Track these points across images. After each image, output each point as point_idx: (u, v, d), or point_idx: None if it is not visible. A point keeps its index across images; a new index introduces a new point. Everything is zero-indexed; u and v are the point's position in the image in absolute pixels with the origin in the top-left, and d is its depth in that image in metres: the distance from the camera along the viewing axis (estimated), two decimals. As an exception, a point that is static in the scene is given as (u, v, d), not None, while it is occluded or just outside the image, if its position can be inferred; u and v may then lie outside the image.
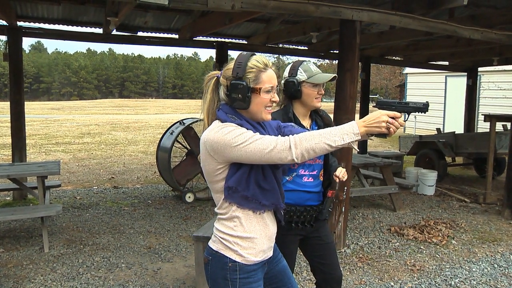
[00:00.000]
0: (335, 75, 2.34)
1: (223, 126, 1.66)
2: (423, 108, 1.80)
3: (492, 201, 6.93)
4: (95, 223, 5.56)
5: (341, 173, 2.35)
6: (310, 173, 2.39)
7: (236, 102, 1.72)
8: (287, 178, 2.35)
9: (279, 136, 1.67)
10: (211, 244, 1.82)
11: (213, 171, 1.71)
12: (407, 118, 1.75)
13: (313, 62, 2.41)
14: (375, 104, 1.83)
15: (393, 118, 1.63)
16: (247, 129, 1.68)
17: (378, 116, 1.62)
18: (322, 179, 2.45)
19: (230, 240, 1.75)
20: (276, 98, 1.77)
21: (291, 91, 2.36)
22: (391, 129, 1.63)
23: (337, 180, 2.35)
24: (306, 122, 2.44)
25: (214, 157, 1.68)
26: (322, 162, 2.44)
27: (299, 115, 2.41)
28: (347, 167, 4.57)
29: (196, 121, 6.90)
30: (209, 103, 1.78)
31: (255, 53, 1.79)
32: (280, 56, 45.14)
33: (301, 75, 2.34)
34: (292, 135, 1.65)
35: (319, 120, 2.47)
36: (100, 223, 5.56)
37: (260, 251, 1.79)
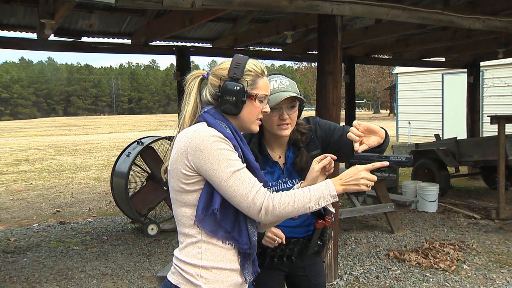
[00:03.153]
0: (295, 95, 2.13)
1: (217, 140, 1.67)
2: (406, 162, 1.89)
3: (507, 216, 6.98)
4: (35, 269, 5.37)
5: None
6: None
7: (226, 106, 1.76)
8: None
9: (261, 187, 1.69)
10: (169, 276, 1.79)
11: (183, 177, 1.70)
12: (389, 175, 1.91)
13: (282, 76, 2.20)
14: (352, 159, 1.92)
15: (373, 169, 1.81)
16: (234, 146, 1.71)
17: (355, 173, 1.78)
18: None
19: (192, 272, 1.71)
20: (268, 109, 1.86)
21: None
22: (369, 185, 1.80)
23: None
24: (278, 152, 2.29)
25: (189, 162, 1.67)
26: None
27: (269, 143, 2.28)
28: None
29: (157, 140, 6.83)
30: (193, 105, 1.81)
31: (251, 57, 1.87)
32: (252, 60, 45.65)
33: None
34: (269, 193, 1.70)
35: (296, 150, 2.29)
36: (41, 268, 5.38)
37: (230, 286, 1.75)
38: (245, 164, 1.71)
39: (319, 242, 2.35)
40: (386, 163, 1.82)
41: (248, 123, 1.82)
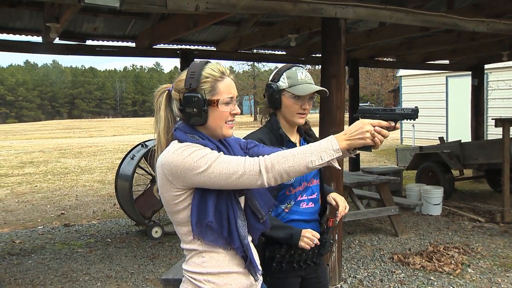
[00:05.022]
0: (324, 89, 2.28)
1: (184, 148, 1.66)
2: (412, 114, 1.81)
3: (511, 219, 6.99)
4: (40, 271, 5.38)
5: (341, 204, 2.35)
6: (309, 197, 2.34)
7: (192, 118, 1.73)
8: (283, 208, 2.29)
9: (247, 156, 1.69)
10: (181, 286, 1.81)
11: (172, 199, 1.70)
12: (395, 125, 1.77)
13: (305, 70, 2.36)
14: (356, 113, 1.85)
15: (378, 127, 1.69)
16: (212, 149, 1.69)
17: (360, 126, 1.67)
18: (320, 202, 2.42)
19: (200, 278, 1.73)
20: (237, 110, 1.80)
21: (269, 98, 2.32)
22: (376, 139, 1.68)
23: (339, 213, 2.32)
24: (295, 138, 2.39)
25: (173, 183, 1.67)
26: (319, 182, 2.40)
27: (285, 129, 2.36)
28: (337, 186, 4.56)
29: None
30: (164, 122, 1.79)
31: (210, 60, 1.81)
32: (255, 63, 45.63)
33: (282, 82, 2.29)
34: (261, 156, 1.67)
35: (307, 136, 2.42)
36: (46, 271, 5.39)
37: None
38: (221, 152, 1.70)
39: (331, 241, 2.38)
40: (393, 124, 1.75)
41: (217, 129, 1.76)
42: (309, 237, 2.18)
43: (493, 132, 11.95)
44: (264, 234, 1.91)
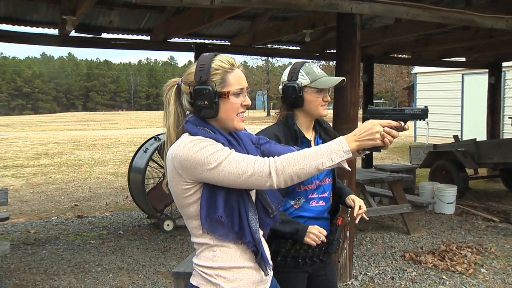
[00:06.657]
0: (343, 78, 2.29)
1: (196, 142, 1.66)
2: (422, 114, 1.80)
3: (526, 220, 6.87)
4: (54, 261, 5.44)
5: (358, 206, 2.33)
6: (320, 195, 2.34)
7: (203, 111, 1.73)
8: (292, 203, 2.30)
9: (258, 156, 1.68)
10: (191, 280, 1.81)
11: (182, 192, 1.70)
12: (404, 125, 1.77)
13: (317, 64, 2.40)
14: (365, 113, 1.84)
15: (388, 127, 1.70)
16: (223, 144, 1.69)
17: (370, 127, 1.67)
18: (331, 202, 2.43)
19: (211, 273, 1.73)
20: (248, 102, 1.79)
21: (291, 98, 2.31)
22: (386, 140, 1.68)
23: (354, 216, 2.31)
24: (310, 135, 2.40)
25: (182, 176, 1.66)
26: (331, 181, 2.41)
27: (301, 127, 2.36)
28: (350, 184, 4.54)
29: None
30: (174, 116, 1.79)
31: (219, 53, 1.80)
32: (269, 59, 45.59)
33: (302, 79, 2.29)
34: (271, 156, 1.67)
35: (323, 133, 2.43)
36: (59, 261, 5.45)
37: (250, 283, 1.76)
38: (233, 149, 1.69)
39: (340, 240, 2.38)
40: (402, 124, 1.75)
41: (229, 121, 1.76)
42: (315, 233, 2.18)
43: (509, 131, 11.83)
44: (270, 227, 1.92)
